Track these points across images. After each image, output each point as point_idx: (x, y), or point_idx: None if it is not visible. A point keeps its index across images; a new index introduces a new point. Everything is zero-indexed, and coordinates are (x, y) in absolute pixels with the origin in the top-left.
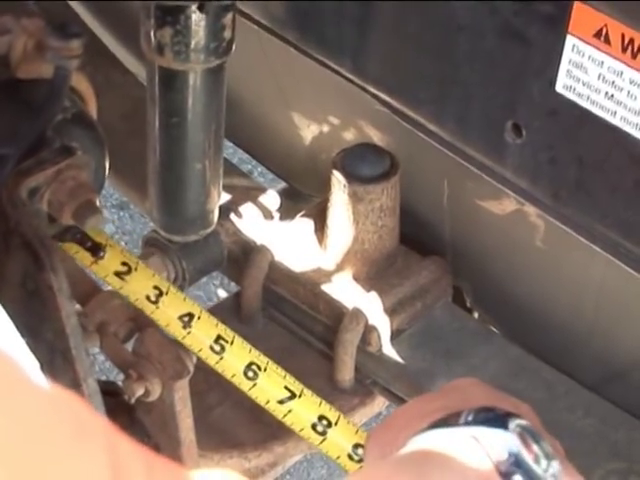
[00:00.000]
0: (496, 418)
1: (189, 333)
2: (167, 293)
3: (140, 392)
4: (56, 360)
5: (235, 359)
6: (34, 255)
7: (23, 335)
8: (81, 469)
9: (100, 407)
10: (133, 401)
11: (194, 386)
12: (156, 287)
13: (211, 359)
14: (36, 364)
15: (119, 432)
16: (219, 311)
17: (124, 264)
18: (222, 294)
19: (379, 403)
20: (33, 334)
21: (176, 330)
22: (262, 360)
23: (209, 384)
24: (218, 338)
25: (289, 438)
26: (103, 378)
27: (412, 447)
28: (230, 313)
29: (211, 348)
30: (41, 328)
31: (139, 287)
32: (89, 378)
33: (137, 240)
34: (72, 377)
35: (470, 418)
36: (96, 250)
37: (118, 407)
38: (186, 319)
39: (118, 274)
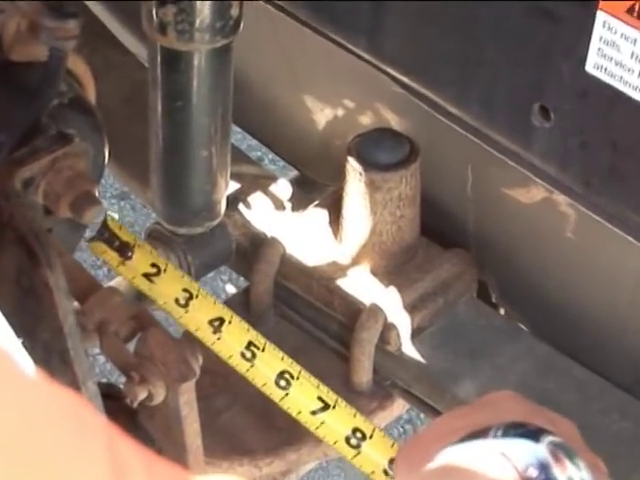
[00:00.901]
0: (527, 434)
1: (219, 339)
2: (197, 296)
3: (143, 395)
4: (53, 361)
5: (267, 367)
6: (29, 250)
7: (18, 335)
8: (81, 464)
9: (100, 412)
10: (135, 405)
11: (200, 389)
12: (186, 290)
13: (242, 366)
14: (32, 365)
15: (120, 433)
16: (230, 308)
17: (153, 265)
18: (231, 290)
19: (399, 406)
20: (29, 334)
21: (205, 335)
22: (295, 368)
23: (216, 387)
24: (249, 344)
25: (303, 444)
26: (104, 381)
27: (439, 462)
28: (239, 310)
29: (242, 355)
30: (37, 328)
31: (168, 290)
32: (88, 381)
33: (139, 233)
34: (70, 379)
35: (500, 433)
36: (124, 250)
37: (120, 411)
38: (216, 324)
39: (147, 276)
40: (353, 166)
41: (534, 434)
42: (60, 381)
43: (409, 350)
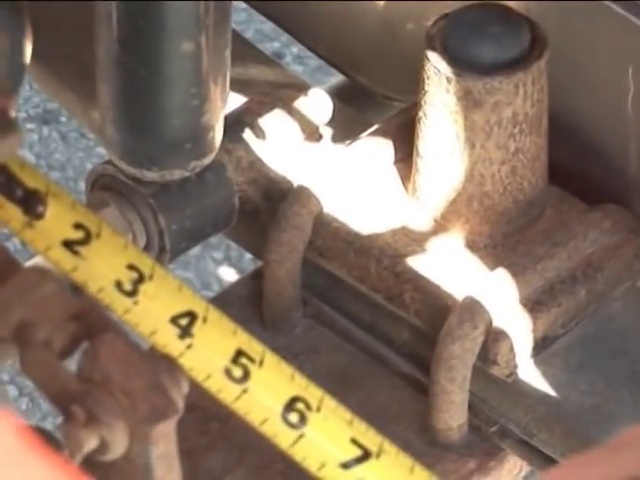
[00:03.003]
0: None
1: (189, 347)
2: (152, 277)
3: (91, 445)
4: None
5: (268, 392)
6: None
7: None
8: None
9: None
10: (79, 460)
11: (185, 437)
12: (133, 267)
13: (227, 392)
14: None
15: None
16: (226, 306)
17: (78, 227)
18: (228, 275)
19: (512, 468)
20: None
21: (169, 341)
22: (313, 394)
23: (209, 435)
24: (238, 355)
25: None
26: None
27: None
28: (245, 310)
29: (227, 373)
30: None
31: (104, 267)
32: None
33: (75, 179)
34: None
35: None
36: (31, 203)
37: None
38: (184, 322)
39: (69, 244)
40: (435, 66)
41: None
42: None
43: (530, 375)
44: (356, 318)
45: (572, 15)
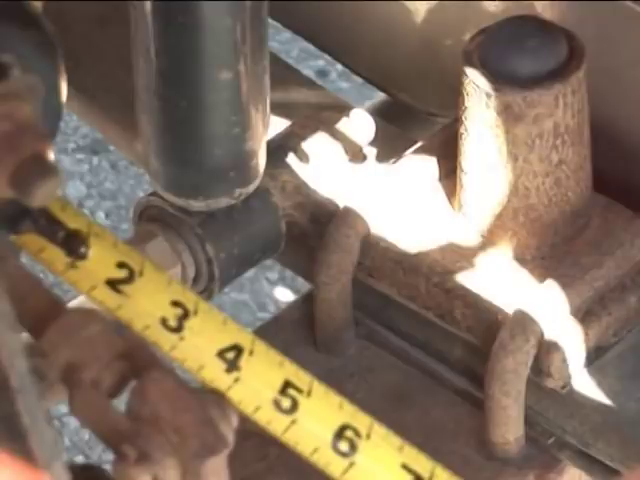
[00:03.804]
0: None
1: (237, 380)
2: (196, 312)
3: None
4: None
5: (317, 422)
6: None
7: None
8: None
9: None
10: None
11: (241, 467)
12: (177, 303)
13: (277, 423)
14: None
15: None
16: (279, 330)
17: (122, 266)
18: (283, 296)
19: (571, 478)
20: None
21: (216, 376)
22: (363, 421)
23: (267, 461)
24: (286, 386)
25: None
26: (80, 459)
27: None
28: (298, 333)
29: (276, 404)
30: None
31: (149, 305)
32: (54, 462)
33: (127, 207)
34: (25, 462)
35: None
36: (74, 244)
37: None
38: (230, 356)
39: (112, 284)
40: (475, 82)
41: None
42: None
43: (584, 385)
44: (409, 336)
45: (608, 24)
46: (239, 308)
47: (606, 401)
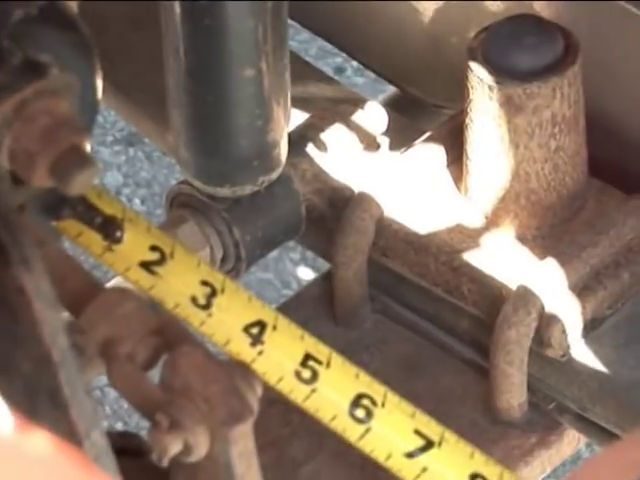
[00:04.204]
0: None
1: (261, 353)
2: (224, 291)
3: (176, 448)
4: (39, 404)
5: (335, 391)
6: None
7: None
8: None
9: (114, 476)
10: (166, 463)
11: (265, 432)
12: (205, 282)
13: (298, 392)
14: (6, 414)
15: None
16: (300, 306)
17: (154, 249)
18: (305, 275)
19: (571, 441)
20: (2, 366)
21: (242, 349)
22: (377, 390)
23: (290, 426)
24: (307, 358)
25: None
26: (119, 426)
27: None
28: (318, 309)
29: (297, 375)
30: (13, 356)
31: (180, 284)
32: (93, 430)
33: (161, 194)
34: (67, 430)
35: None
36: (110, 229)
37: (144, 473)
38: (255, 331)
39: (146, 265)
40: (478, 76)
41: None
42: (51, 433)
43: (582, 354)
44: (420, 311)
45: (602, 21)
46: (264, 286)
47: (602, 368)
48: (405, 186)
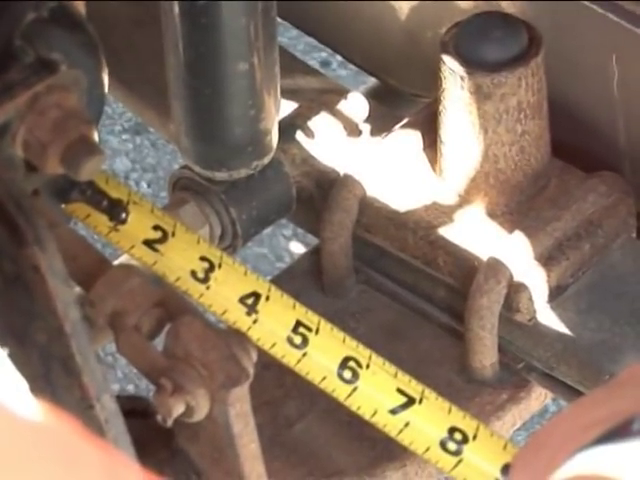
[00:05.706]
0: None
1: (256, 322)
2: (220, 265)
3: (179, 410)
4: (53, 372)
5: (324, 355)
6: (9, 223)
7: (3, 341)
8: None
9: (122, 436)
10: (170, 424)
11: (261, 393)
12: (204, 258)
13: (290, 357)
14: (21, 382)
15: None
16: (292, 278)
17: (157, 228)
18: (297, 249)
19: (539, 397)
20: (18, 337)
21: (238, 318)
22: (362, 353)
23: (284, 388)
24: (297, 325)
25: (407, 459)
26: (131, 388)
27: (570, 473)
28: (308, 280)
29: (289, 341)
30: (28, 328)
31: (180, 260)
32: (104, 394)
33: (165, 178)
34: (79, 395)
35: None
36: (116, 211)
37: (150, 433)
38: (250, 301)
39: (149, 243)
40: (450, 67)
41: None
42: (65, 398)
43: (547, 318)
44: (400, 281)
45: (561, 16)
46: (259, 260)
47: (566, 331)
48: (385, 168)
